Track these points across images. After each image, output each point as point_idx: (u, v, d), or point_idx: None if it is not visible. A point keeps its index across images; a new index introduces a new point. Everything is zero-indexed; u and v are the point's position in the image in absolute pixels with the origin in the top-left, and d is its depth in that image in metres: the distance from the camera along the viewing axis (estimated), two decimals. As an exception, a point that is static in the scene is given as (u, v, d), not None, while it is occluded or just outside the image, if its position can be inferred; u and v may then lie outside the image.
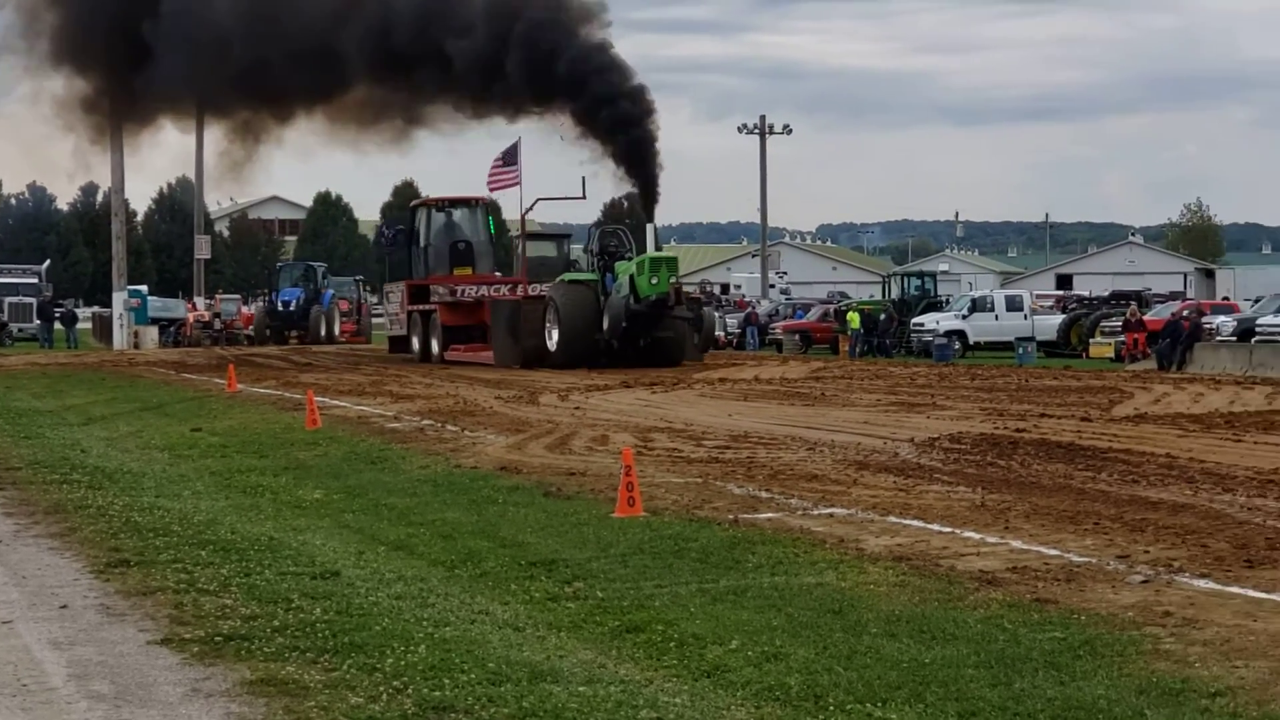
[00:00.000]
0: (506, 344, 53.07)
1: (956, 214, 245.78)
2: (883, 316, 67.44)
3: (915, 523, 17.15)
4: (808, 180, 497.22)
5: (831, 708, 9.57)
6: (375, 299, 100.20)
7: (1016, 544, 15.62)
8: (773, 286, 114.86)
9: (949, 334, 63.92)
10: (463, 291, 57.60)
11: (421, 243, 61.02)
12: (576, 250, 63.09)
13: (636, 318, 49.50)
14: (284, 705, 9.97)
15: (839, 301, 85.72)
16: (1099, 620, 12.04)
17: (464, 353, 56.58)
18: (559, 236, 70.26)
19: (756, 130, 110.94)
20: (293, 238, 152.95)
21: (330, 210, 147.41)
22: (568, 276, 53.11)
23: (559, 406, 35.42)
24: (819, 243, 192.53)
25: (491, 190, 60.10)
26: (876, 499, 19.12)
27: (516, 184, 57.03)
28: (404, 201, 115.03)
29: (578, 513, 18.12)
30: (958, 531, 16.52)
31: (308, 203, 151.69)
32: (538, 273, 61.50)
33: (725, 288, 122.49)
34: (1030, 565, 14.39)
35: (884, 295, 78.58)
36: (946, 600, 12.92)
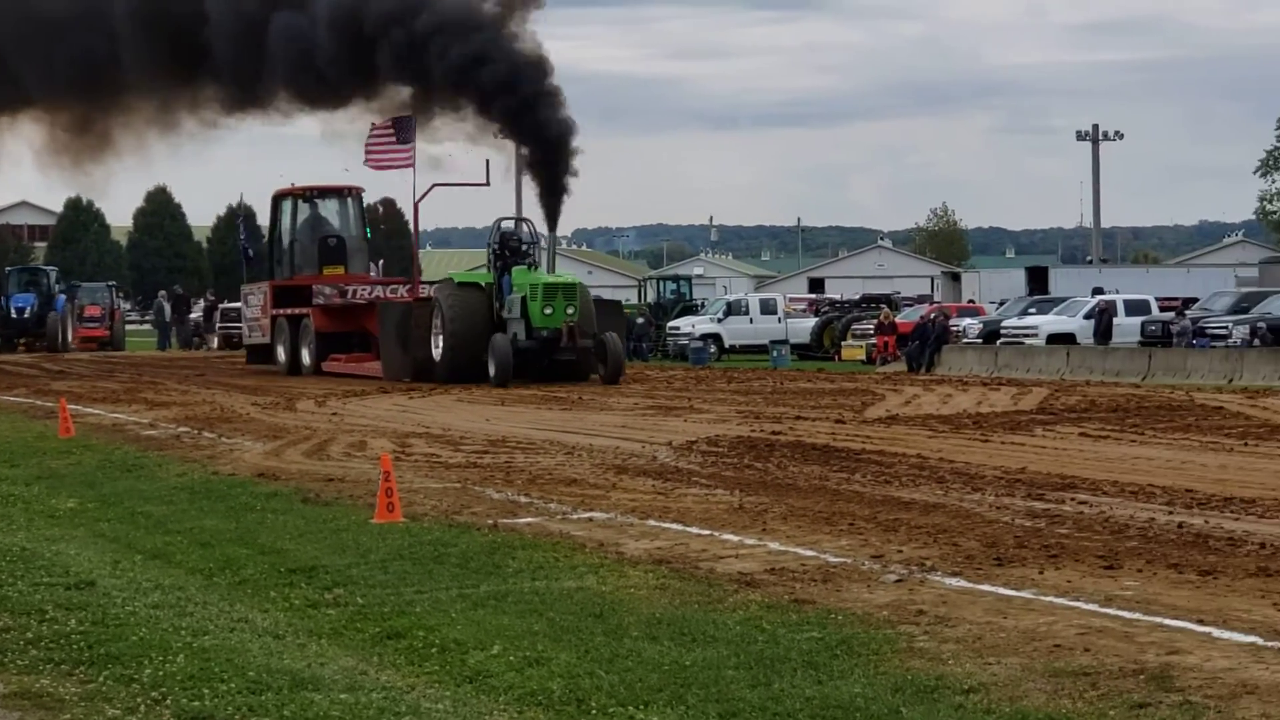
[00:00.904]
0: (396, 354, 44.35)
1: (711, 218, 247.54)
2: (639, 320, 67.70)
3: (674, 526, 17.37)
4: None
5: (594, 711, 9.61)
6: (128, 305, 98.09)
7: (774, 545, 15.88)
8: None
9: (704, 337, 65.25)
10: (354, 293, 47.92)
11: (285, 239, 50.84)
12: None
13: (524, 355, 41.58)
14: (38, 719, 9.80)
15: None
16: (855, 619, 12.20)
17: (345, 364, 46.98)
18: None
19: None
20: (43, 244, 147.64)
21: (81, 216, 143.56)
22: (458, 277, 45.34)
23: (316, 413, 35.68)
24: (574, 247, 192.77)
25: (375, 169, 48.94)
26: (636, 503, 19.38)
27: (409, 164, 47.07)
28: (157, 207, 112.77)
29: (336, 519, 18.14)
30: (716, 534, 16.74)
31: (58, 208, 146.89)
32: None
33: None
34: (788, 566, 14.60)
35: (640, 299, 79.22)
36: (706, 602, 13.02)
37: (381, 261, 63.49)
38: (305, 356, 47.49)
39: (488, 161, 47.26)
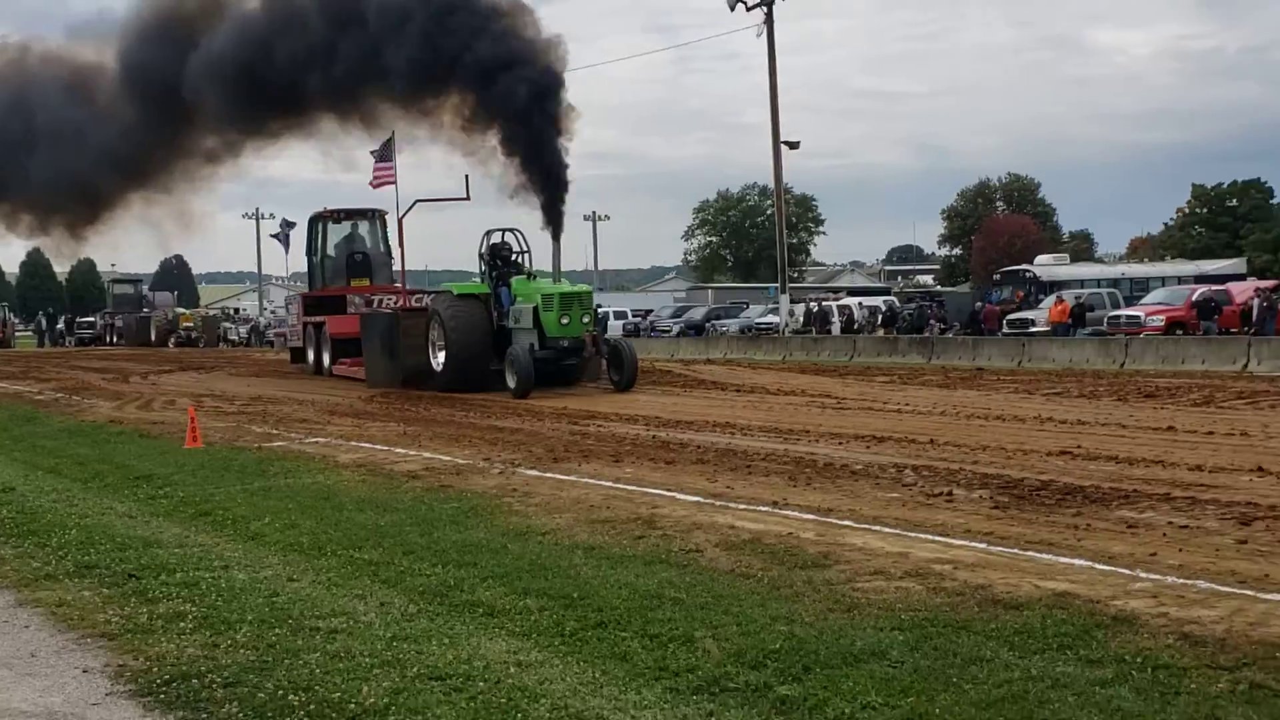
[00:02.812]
0: (381, 362, 31.01)
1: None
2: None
3: (367, 445, 17.64)
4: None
5: (329, 553, 9.91)
6: (18, 319, 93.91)
7: (426, 454, 16.24)
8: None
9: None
10: (380, 302, 36.51)
11: (319, 255, 39.64)
12: None
13: (540, 365, 26.95)
14: (-9, 567, 9.84)
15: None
16: (477, 495, 12.56)
17: (349, 367, 35.12)
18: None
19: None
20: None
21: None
22: (457, 288, 30.52)
23: (142, 383, 34.54)
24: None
25: (375, 188, 36.79)
26: (343, 432, 19.64)
27: (392, 181, 35.08)
28: (37, 257, 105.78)
29: (162, 446, 18.05)
30: (392, 449, 17.07)
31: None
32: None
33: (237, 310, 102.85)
34: (436, 466, 14.98)
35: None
36: (390, 489, 13.32)
37: None
38: (325, 359, 36.63)
39: (466, 177, 33.65)
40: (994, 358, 36.07)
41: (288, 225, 59.12)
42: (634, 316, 67.83)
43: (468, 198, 32.08)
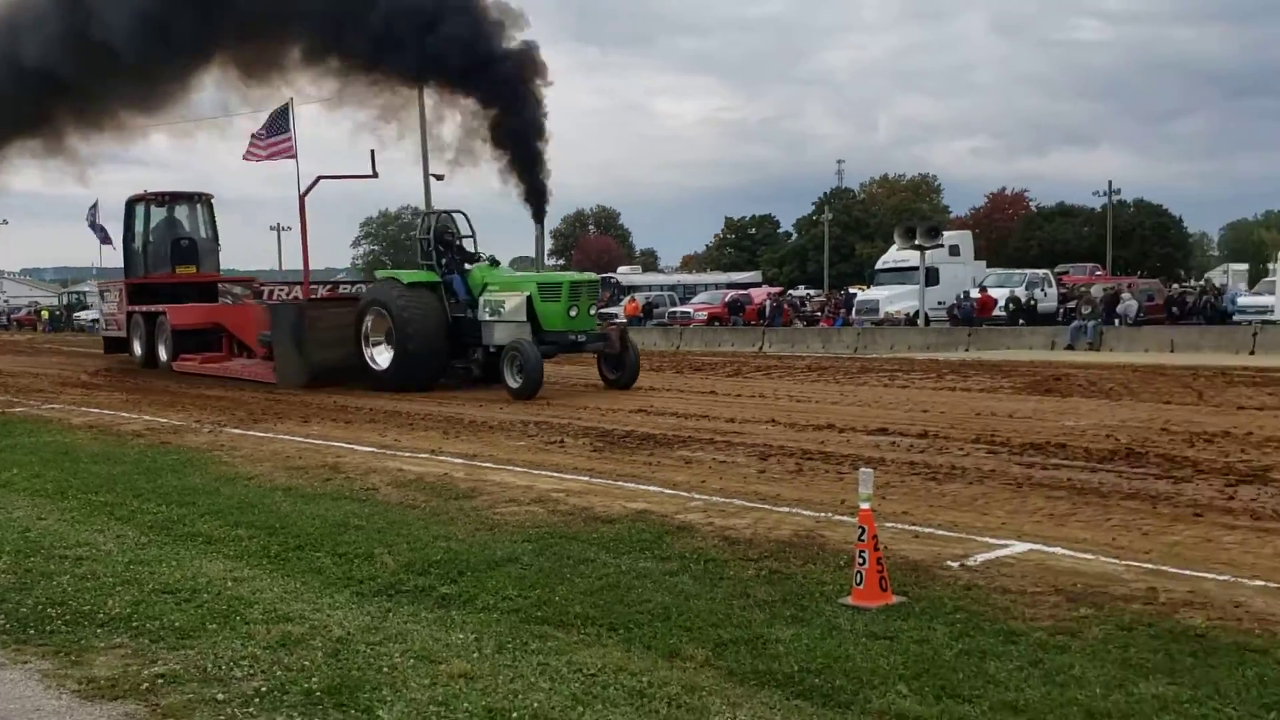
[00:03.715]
0: (293, 358, 20.59)
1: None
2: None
3: (96, 410, 16.65)
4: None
5: (70, 496, 9.43)
6: None
7: (147, 418, 15.46)
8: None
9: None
10: (270, 293, 25.75)
11: (139, 240, 28.09)
12: None
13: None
14: None
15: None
16: (192, 450, 12.04)
17: (199, 364, 24.15)
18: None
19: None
20: None
21: None
22: (405, 276, 20.23)
23: None
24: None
25: (259, 161, 23.67)
26: (74, 400, 18.49)
27: (291, 154, 22.91)
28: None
29: None
30: (119, 413, 16.17)
31: None
32: None
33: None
34: (156, 427, 14.31)
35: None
36: (118, 444, 12.71)
37: None
38: (162, 353, 25.96)
39: (372, 152, 23.06)
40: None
41: (93, 213, 40.62)
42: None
43: (374, 174, 21.68)
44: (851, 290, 49.73)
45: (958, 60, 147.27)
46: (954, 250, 41.88)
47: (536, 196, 19.50)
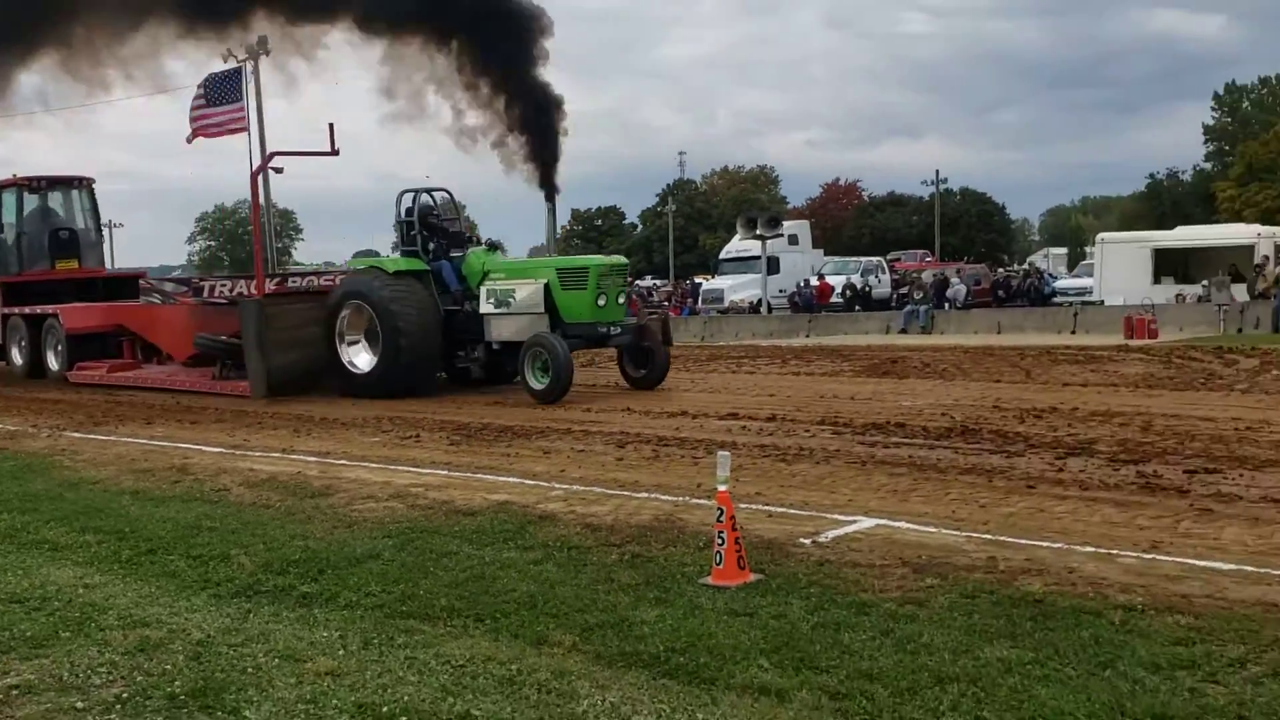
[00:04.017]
0: (255, 363, 16.88)
1: None
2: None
3: None
4: None
5: None
6: None
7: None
8: None
9: None
10: (211, 290, 20.77)
11: (10, 232, 23.24)
12: None
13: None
14: None
15: None
16: (32, 455, 11.67)
17: (104, 374, 20.27)
18: None
19: None
20: None
21: None
22: (389, 264, 16.95)
23: None
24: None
25: (207, 137, 17.86)
26: None
27: (243, 127, 17.72)
28: None
29: None
30: None
31: None
32: None
33: None
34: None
35: None
36: None
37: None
38: (52, 361, 21.76)
39: (331, 126, 17.48)
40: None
41: None
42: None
43: (334, 151, 17.55)
44: (697, 280, 50.41)
45: (792, 53, 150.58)
46: (793, 240, 42.87)
47: (547, 170, 16.94)
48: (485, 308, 16.27)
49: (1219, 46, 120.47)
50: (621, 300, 15.93)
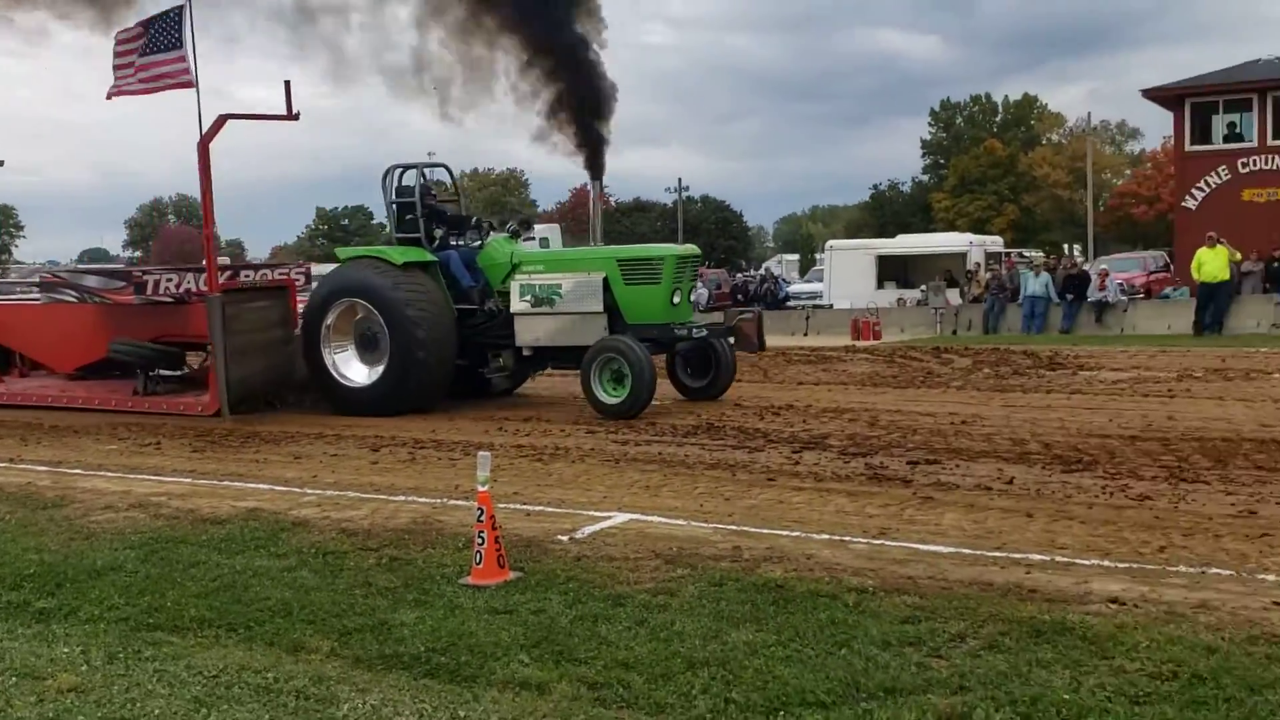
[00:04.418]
0: (225, 373, 13.12)
1: None
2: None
3: None
4: None
5: None
6: None
7: None
8: None
9: None
10: (154, 285, 14.78)
11: None
12: None
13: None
14: None
15: None
16: None
17: (33, 386, 15.56)
18: None
19: None
20: None
21: None
22: (396, 254, 13.25)
23: None
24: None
25: (137, 94, 13.28)
26: None
27: (190, 81, 12.86)
28: None
29: None
30: None
31: None
32: None
33: None
34: None
35: None
36: None
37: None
38: None
39: (288, 83, 13.28)
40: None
41: None
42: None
43: (292, 115, 13.63)
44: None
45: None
46: (544, 243, 42.99)
47: (594, 148, 14.11)
48: (519, 306, 13.23)
49: (934, 66, 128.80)
50: (693, 298, 13.20)
